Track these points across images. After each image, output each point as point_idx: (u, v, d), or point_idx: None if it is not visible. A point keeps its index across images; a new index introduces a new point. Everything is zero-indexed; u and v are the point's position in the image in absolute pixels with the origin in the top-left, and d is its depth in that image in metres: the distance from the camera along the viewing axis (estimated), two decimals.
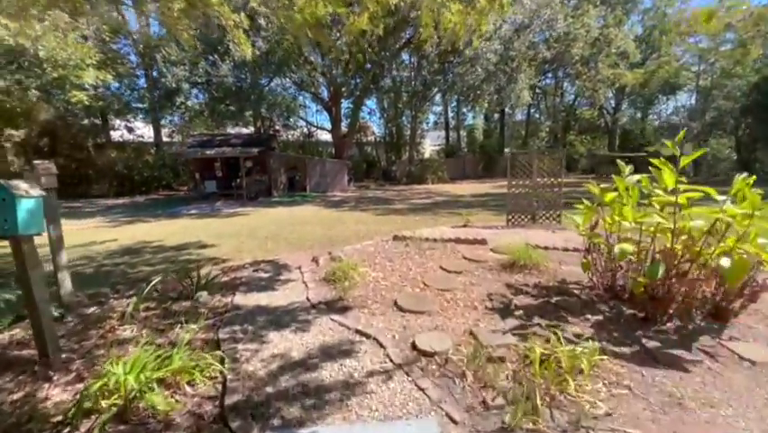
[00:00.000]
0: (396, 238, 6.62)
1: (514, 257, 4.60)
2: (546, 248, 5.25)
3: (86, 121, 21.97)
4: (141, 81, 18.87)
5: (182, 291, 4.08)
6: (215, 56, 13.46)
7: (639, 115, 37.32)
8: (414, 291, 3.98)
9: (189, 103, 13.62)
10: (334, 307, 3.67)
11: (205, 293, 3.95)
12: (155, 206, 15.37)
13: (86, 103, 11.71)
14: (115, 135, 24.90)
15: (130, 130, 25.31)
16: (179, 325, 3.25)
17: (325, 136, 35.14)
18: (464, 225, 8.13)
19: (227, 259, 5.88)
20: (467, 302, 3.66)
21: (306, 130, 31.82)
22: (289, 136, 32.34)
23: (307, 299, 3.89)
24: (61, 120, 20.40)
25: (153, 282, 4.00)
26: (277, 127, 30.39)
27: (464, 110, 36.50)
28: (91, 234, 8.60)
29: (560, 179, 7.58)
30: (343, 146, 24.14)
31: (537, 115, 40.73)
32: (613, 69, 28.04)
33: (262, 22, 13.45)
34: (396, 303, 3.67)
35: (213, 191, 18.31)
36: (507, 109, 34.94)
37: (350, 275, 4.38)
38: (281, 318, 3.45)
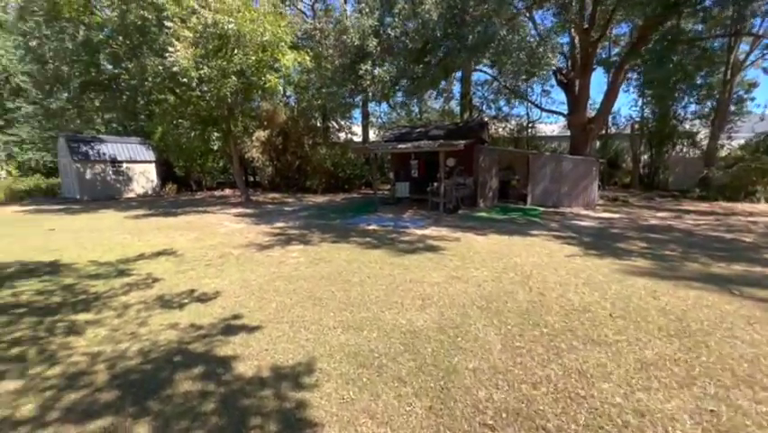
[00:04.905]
0: None
1: None
2: None
3: (320, 123, 23.79)
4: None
5: None
6: None
7: None
8: None
9: (377, 71, 10.21)
10: None
11: None
12: (342, 210, 13.11)
13: (281, 88, 9.86)
14: (339, 135, 26.32)
15: (346, 128, 26.24)
16: None
17: (548, 129, 27.05)
18: None
19: None
20: None
21: (525, 120, 24.91)
22: (499, 129, 26.36)
23: None
24: (292, 120, 22.40)
25: None
26: (485, 118, 25.14)
27: None
28: (226, 270, 5.76)
29: None
30: (587, 138, 15.99)
31: None
32: None
33: None
34: None
35: (404, 196, 14.92)
36: None
37: None
38: None
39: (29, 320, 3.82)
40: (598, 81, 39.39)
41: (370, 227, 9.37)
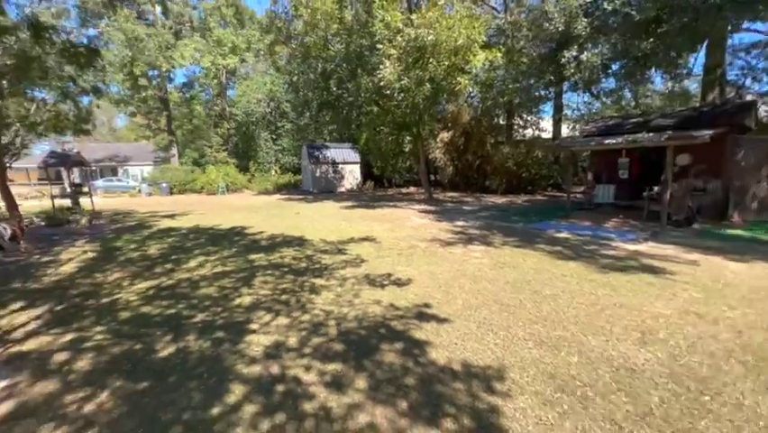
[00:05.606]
0: None
1: None
2: None
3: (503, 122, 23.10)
4: None
5: None
6: None
7: None
8: None
9: (584, 56, 8.50)
10: None
11: None
12: (525, 212, 12.20)
13: (470, 89, 10.04)
14: (524, 133, 24.69)
15: (532, 124, 24.23)
16: None
17: None
18: None
19: None
20: None
21: None
22: None
23: None
24: (475, 120, 22.39)
25: None
26: (749, 97, 17.74)
27: None
28: (415, 261, 6.42)
29: None
30: None
31: None
32: None
33: None
34: None
35: (607, 201, 12.42)
36: None
37: None
38: None
39: (289, 277, 5.37)
40: None
41: (561, 235, 8.31)
